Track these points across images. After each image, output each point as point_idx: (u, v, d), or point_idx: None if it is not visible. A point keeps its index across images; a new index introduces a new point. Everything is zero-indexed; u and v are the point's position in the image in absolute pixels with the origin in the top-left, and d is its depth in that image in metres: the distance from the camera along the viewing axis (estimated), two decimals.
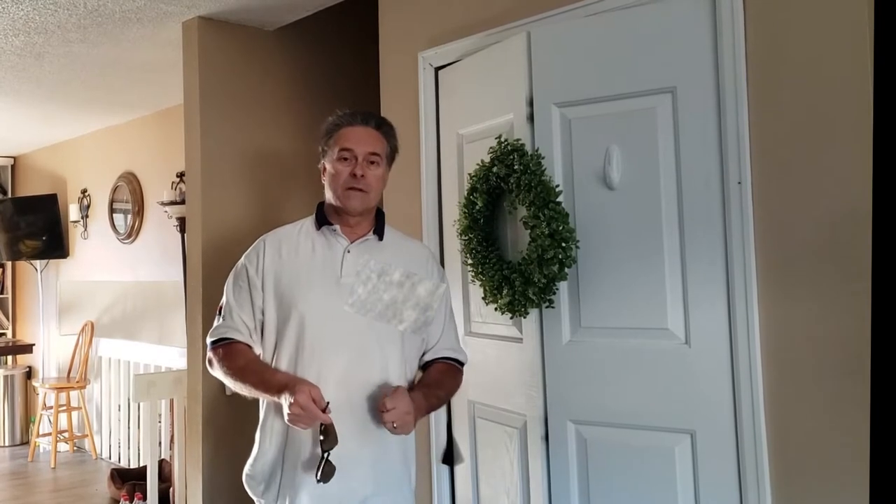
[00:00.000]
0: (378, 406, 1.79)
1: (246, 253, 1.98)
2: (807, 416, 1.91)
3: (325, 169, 1.96)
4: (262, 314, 1.92)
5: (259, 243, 1.97)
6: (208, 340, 1.96)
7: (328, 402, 1.75)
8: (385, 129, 1.97)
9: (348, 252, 1.92)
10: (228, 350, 1.92)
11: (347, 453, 1.84)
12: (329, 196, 1.95)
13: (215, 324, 1.97)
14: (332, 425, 1.75)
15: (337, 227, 1.93)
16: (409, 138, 2.77)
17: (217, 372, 1.93)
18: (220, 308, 1.97)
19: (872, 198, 1.45)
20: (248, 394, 1.90)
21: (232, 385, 1.91)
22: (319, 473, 1.75)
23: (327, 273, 1.90)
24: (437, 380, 2.00)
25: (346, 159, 1.89)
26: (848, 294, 1.82)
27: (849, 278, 1.82)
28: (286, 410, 1.74)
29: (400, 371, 1.93)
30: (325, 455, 1.75)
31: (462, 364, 2.08)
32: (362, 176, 1.88)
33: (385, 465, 1.92)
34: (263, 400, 1.95)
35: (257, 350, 1.95)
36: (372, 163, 1.90)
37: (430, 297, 1.95)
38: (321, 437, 1.76)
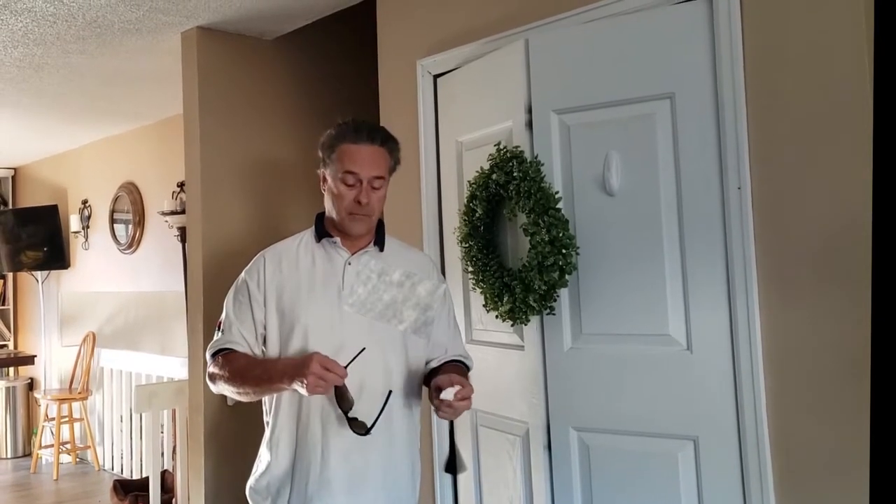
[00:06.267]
0: (445, 392, 1.75)
1: (246, 268, 1.97)
2: (809, 421, 1.91)
3: (324, 178, 1.94)
4: (265, 328, 1.90)
5: (259, 258, 1.96)
6: (207, 354, 1.94)
7: (362, 348, 1.77)
8: (390, 144, 1.93)
9: (349, 264, 1.91)
10: (227, 357, 1.89)
11: (357, 468, 1.84)
12: (330, 211, 1.93)
13: (214, 338, 1.95)
14: (343, 386, 1.75)
15: (337, 239, 1.92)
16: (408, 146, 2.76)
17: (219, 383, 1.90)
18: (220, 323, 1.96)
19: (872, 203, 1.44)
20: (253, 392, 1.86)
21: (235, 390, 1.87)
22: (358, 430, 1.77)
23: (329, 286, 1.89)
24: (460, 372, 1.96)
25: (350, 183, 1.86)
26: (849, 299, 1.81)
27: (849, 283, 1.81)
28: (304, 385, 1.71)
29: (403, 380, 1.91)
30: (348, 415, 1.78)
31: (469, 368, 2.06)
32: (367, 203, 1.86)
33: (394, 477, 1.91)
34: (270, 413, 1.93)
35: None
36: (375, 187, 1.89)
37: (430, 297, 1.94)
38: (338, 401, 1.77)
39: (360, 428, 1.78)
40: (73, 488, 5.57)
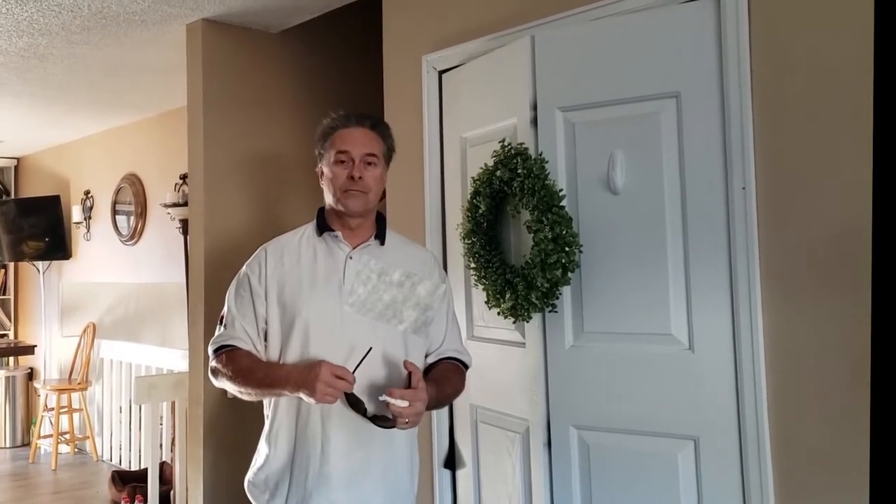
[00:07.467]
0: (389, 392, 1.73)
1: (248, 262, 1.97)
2: (811, 422, 1.90)
3: (322, 173, 1.95)
4: (266, 323, 1.90)
5: (260, 252, 1.96)
6: (210, 349, 1.94)
7: (369, 348, 1.77)
8: (380, 128, 1.96)
9: (350, 259, 1.91)
10: (231, 355, 1.89)
11: (357, 463, 1.84)
12: (328, 200, 1.93)
13: (217, 333, 1.95)
14: (352, 393, 1.76)
15: (339, 233, 1.92)
16: (412, 141, 2.77)
17: (221, 380, 1.90)
18: (222, 318, 1.95)
19: (872, 204, 1.44)
20: (255, 393, 1.87)
21: (237, 389, 1.88)
22: (383, 424, 1.77)
23: (330, 280, 1.89)
24: (447, 377, 1.96)
25: (342, 162, 1.88)
26: (852, 300, 1.81)
27: (853, 284, 1.81)
28: (314, 394, 1.70)
29: (404, 377, 1.91)
30: (367, 414, 1.79)
31: (467, 366, 2.07)
32: (360, 178, 1.87)
33: (394, 473, 1.90)
34: (269, 406, 1.93)
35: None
36: (369, 163, 1.89)
37: (430, 297, 1.93)
38: (352, 407, 1.79)
39: (387, 422, 1.76)
40: (72, 478, 5.58)
